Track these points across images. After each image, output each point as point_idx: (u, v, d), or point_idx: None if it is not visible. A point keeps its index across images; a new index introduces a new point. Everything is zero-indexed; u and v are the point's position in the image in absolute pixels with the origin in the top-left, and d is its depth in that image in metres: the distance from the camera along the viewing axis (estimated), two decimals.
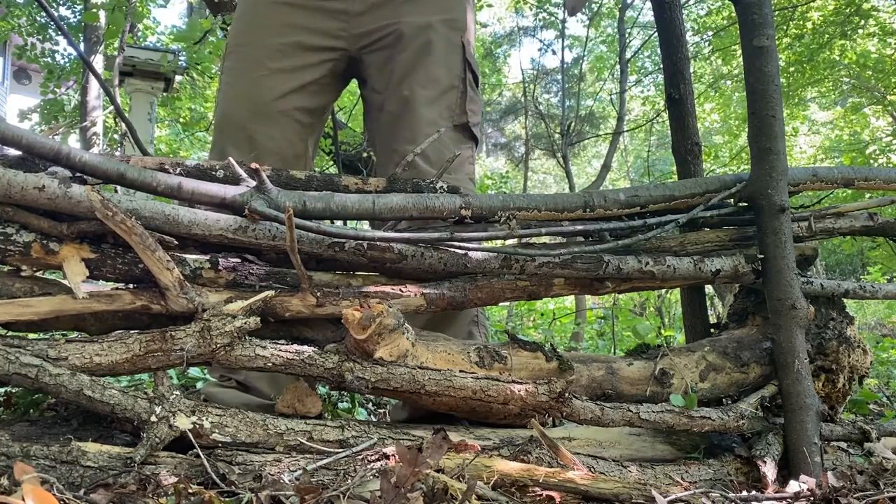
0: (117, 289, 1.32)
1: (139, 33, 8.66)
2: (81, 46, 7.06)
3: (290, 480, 1.14)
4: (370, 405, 2.46)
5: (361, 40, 1.86)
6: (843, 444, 1.66)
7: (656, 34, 2.71)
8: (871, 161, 7.96)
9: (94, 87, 7.04)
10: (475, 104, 1.91)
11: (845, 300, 1.80)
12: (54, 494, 0.95)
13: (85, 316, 1.36)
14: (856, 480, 1.46)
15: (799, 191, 1.85)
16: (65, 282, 1.31)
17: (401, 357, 1.39)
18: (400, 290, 1.48)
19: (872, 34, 8.04)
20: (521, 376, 1.49)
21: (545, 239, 1.68)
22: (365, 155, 5.51)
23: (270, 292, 1.35)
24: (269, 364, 1.30)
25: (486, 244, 1.60)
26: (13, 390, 1.55)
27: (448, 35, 1.86)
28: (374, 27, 1.85)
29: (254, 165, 1.36)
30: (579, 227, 1.61)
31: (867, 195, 2.16)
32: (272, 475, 1.16)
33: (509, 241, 1.62)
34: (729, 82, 9.72)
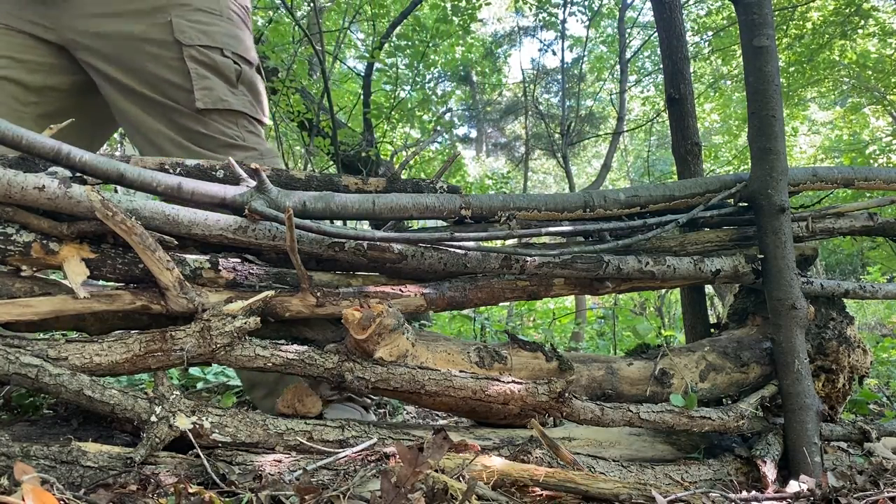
0: (117, 289, 1.32)
1: None
2: None
3: (290, 480, 1.14)
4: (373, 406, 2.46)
5: (68, 34, 1.81)
6: (843, 444, 1.66)
7: (656, 34, 2.71)
8: (871, 161, 7.95)
9: None
10: (207, 80, 1.80)
11: (845, 300, 1.80)
12: (54, 494, 0.95)
13: (85, 316, 1.36)
14: (856, 480, 1.46)
15: (799, 191, 1.85)
16: (65, 282, 1.31)
17: (401, 357, 1.39)
18: (400, 290, 1.48)
19: (872, 34, 8.04)
20: (521, 376, 1.49)
21: (545, 239, 1.68)
22: (364, 155, 5.51)
23: (270, 292, 1.35)
24: (269, 364, 1.30)
25: (485, 244, 1.60)
26: (12, 393, 1.55)
27: (145, 31, 1.78)
28: (79, 26, 1.79)
29: (254, 166, 1.36)
30: (579, 227, 1.61)
31: (867, 195, 2.16)
32: (272, 475, 1.16)
33: (509, 241, 1.62)
34: (729, 82, 9.72)
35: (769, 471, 1.45)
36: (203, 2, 1.84)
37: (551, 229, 1.58)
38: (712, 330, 2.09)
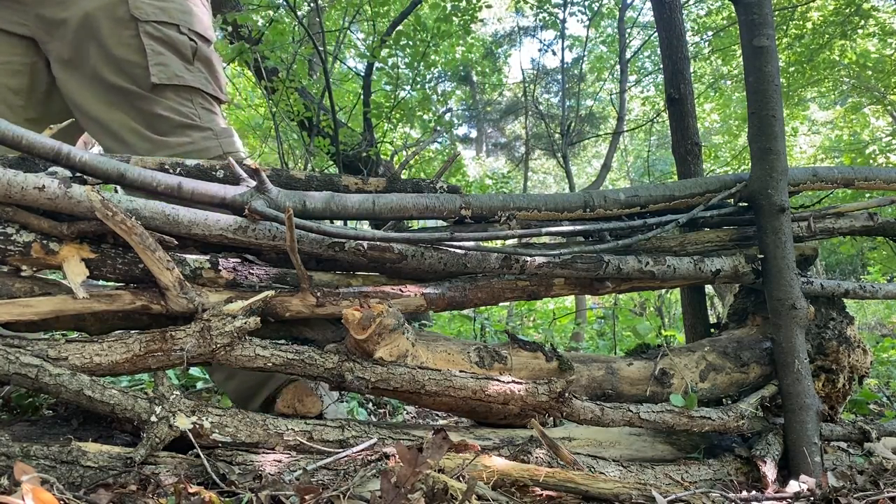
0: (117, 289, 1.32)
1: None
2: None
3: (290, 480, 1.14)
4: (370, 405, 2.46)
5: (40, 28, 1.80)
6: (843, 444, 1.66)
7: (656, 34, 2.71)
8: (871, 161, 7.95)
9: None
10: (162, 56, 1.79)
11: (845, 300, 1.80)
12: (54, 494, 0.95)
13: (85, 316, 1.36)
14: (856, 480, 1.46)
15: (799, 191, 1.85)
16: (65, 282, 1.31)
17: (401, 357, 1.39)
18: (400, 290, 1.48)
19: (872, 34, 8.04)
20: (521, 376, 1.49)
21: (545, 239, 1.68)
22: (365, 155, 5.51)
23: (270, 292, 1.35)
24: (269, 364, 1.30)
25: (485, 244, 1.60)
26: (12, 393, 1.55)
27: (103, 7, 1.77)
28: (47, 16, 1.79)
29: (254, 166, 1.36)
30: (579, 227, 1.61)
31: (867, 195, 2.16)
32: (272, 475, 1.16)
33: (509, 241, 1.62)
34: (729, 82, 9.72)
35: (769, 471, 1.45)
36: None
37: (551, 229, 1.58)
38: (712, 330, 2.09)
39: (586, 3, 7.65)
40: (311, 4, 5.99)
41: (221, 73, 1.97)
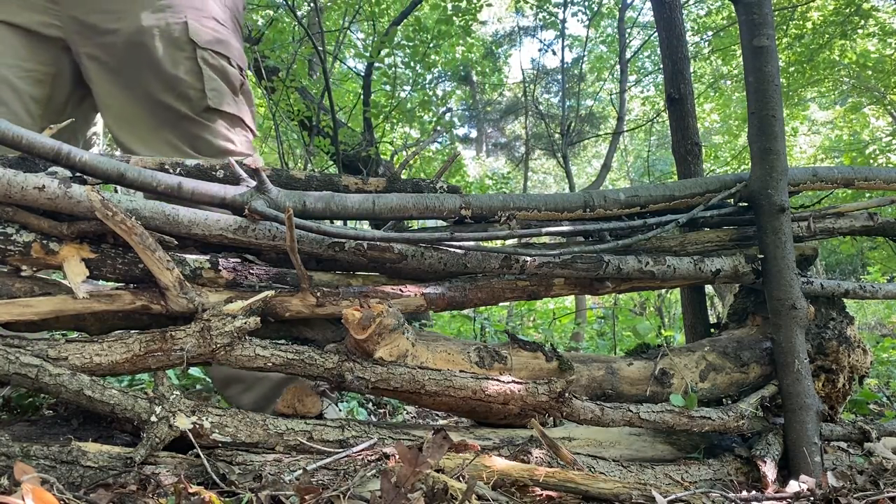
0: (117, 289, 1.32)
1: None
2: None
3: (290, 480, 1.14)
4: (370, 405, 2.46)
5: (74, 30, 1.80)
6: (843, 444, 1.66)
7: (656, 34, 2.71)
8: (871, 161, 7.95)
9: None
10: (217, 82, 1.83)
11: (845, 300, 1.80)
12: (54, 494, 0.95)
13: (85, 316, 1.36)
14: (856, 480, 1.46)
15: (799, 191, 1.85)
16: (65, 282, 1.31)
17: (401, 357, 1.39)
18: (400, 290, 1.48)
19: (872, 34, 8.03)
20: (521, 376, 1.49)
21: (545, 239, 1.68)
22: (365, 155, 5.51)
23: (270, 292, 1.35)
24: (269, 364, 1.30)
25: (485, 244, 1.60)
26: (12, 393, 1.55)
27: (160, 25, 1.79)
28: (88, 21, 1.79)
29: (254, 166, 1.36)
30: (579, 227, 1.61)
31: (867, 195, 2.16)
32: (272, 475, 1.16)
33: (509, 241, 1.62)
34: (729, 82, 9.72)
35: (769, 471, 1.45)
36: (214, 10, 1.88)
37: (551, 229, 1.58)
38: (712, 330, 2.09)
39: (586, 3, 7.65)
40: (311, 4, 5.99)
41: (254, 108, 2.01)
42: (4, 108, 1.73)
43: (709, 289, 4.16)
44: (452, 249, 1.48)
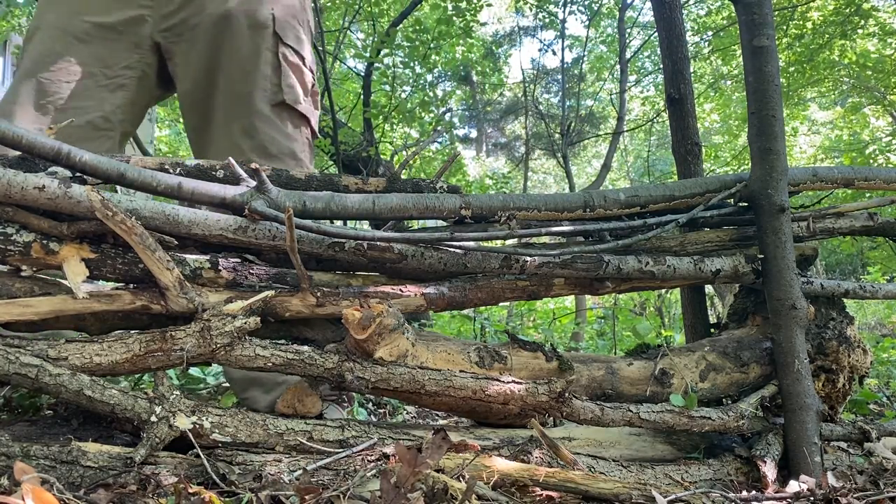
0: (117, 289, 1.32)
1: None
2: None
3: (290, 480, 1.14)
4: (370, 405, 2.46)
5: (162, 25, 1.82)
6: (843, 444, 1.66)
7: (656, 34, 2.71)
8: (871, 161, 7.95)
9: None
10: (292, 79, 1.85)
11: (845, 300, 1.80)
12: (54, 494, 0.95)
13: (85, 316, 1.36)
14: (856, 480, 1.46)
15: (799, 191, 1.85)
16: (65, 282, 1.30)
17: (401, 357, 1.39)
18: (400, 290, 1.48)
19: (872, 34, 8.04)
20: (521, 376, 1.49)
21: (545, 239, 1.68)
22: (365, 155, 5.51)
23: (270, 292, 1.35)
24: (269, 364, 1.30)
25: (485, 244, 1.60)
26: (14, 393, 1.55)
27: (247, 13, 1.82)
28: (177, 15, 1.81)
29: (254, 166, 1.36)
30: (579, 227, 1.61)
31: (867, 195, 2.16)
32: (272, 475, 1.16)
33: (509, 241, 1.62)
34: (729, 82, 9.72)
35: (769, 471, 1.45)
36: (297, 9, 1.91)
37: (552, 229, 1.58)
38: (712, 330, 2.09)
39: (586, 3, 7.65)
40: (311, 4, 5.99)
41: (318, 112, 2.02)
42: (84, 121, 1.73)
43: (709, 289, 4.16)
44: (452, 249, 1.48)
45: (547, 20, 8.08)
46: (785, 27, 7.23)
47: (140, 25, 1.80)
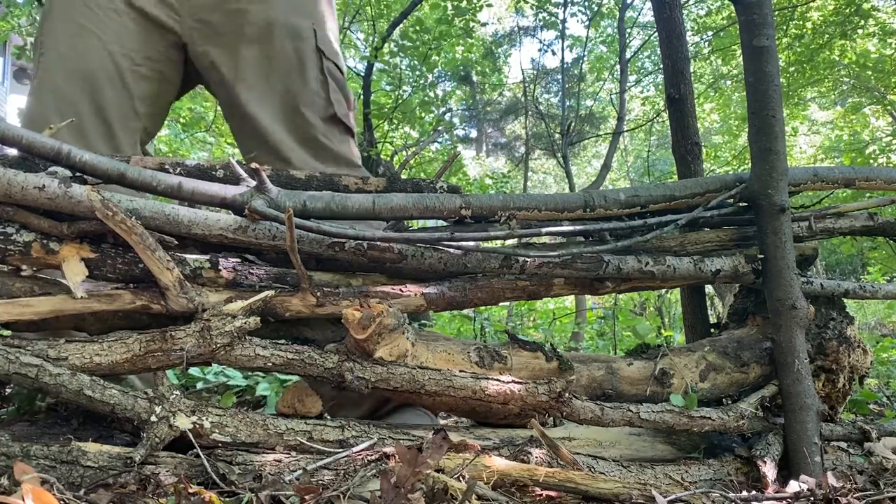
0: (117, 289, 1.32)
1: None
2: None
3: (290, 480, 1.14)
4: None
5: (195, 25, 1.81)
6: (843, 444, 1.66)
7: (656, 34, 2.71)
8: (871, 161, 7.95)
9: None
10: (338, 94, 1.87)
11: (845, 300, 1.80)
12: (54, 494, 0.95)
13: (85, 316, 1.36)
14: (856, 480, 1.46)
15: (799, 191, 1.85)
16: (65, 281, 1.30)
17: (401, 357, 1.39)
18: (400, 290, 1.48)
19: (872, 34, 8.03)
20: (521, 376, 1.49)
21: (545, 239, 1.68)
22: (365, 155, 5.51)
23: (270, 292, 1.35)
24: (269, 364, 1.30)
25: (485, 244, 1.60)
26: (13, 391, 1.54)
27: (294, 27, 1.82)
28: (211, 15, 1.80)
29: (254, 165, 1.36)
30: (579, 228, 1.61)
31: (867, 195, 2.16)
32: (272, 475, 1.16)
33: (509, 241, 1.62)
34: (729, 82, 9.72)
35: (769, 471, 1.45)
36: (333, 24, 1.93)
37: (552, 229, 1.58)
38: (712, 330, 2.09)
39: (586, 3, 7.65)
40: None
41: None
42: (108, 106, 1.71)
43: (709, 289, 4.16)
44: (452, 250, 1.48)
45: (547, 20, 8.08)
46: (785, 27, 7.23)
47: (166, 19, 1.78)
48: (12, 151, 1.28)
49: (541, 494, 1.19)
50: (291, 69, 1.81)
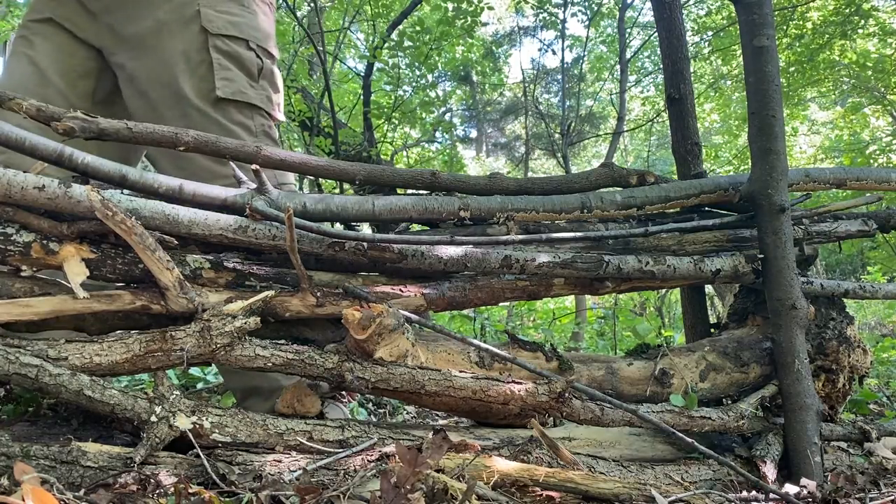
0: (117, 289, 1.32)
1: None
2: None
3: (290, 480, 1.14)
4: (370, 405, 2.46)
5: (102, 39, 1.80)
6: (843, 444, 1.66)
7: (656, 34, 2.71)
8: (871, 161, 7.95)
9: None
10: (229, 71, 1.78)
11: (845, 300, 1.80)
12: (54, 494, 0.95)
13: (85, 316, 1.36)
14: (856, 480, 1.46)
15: (792, 191, 1.86)
16: (65, 282, 1.31)
17: (401, 357, 1.39)
18: (400, 290, 1.48)
19: (872, 34, 8.03)
20: (521, 376, 1.49)
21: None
22: (365, 155, 5.51)
23: (270, 292, 1.35)
24: (269, 364, 1.30)
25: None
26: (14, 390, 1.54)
27: (179, 18, 1.77)
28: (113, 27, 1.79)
29: (254, 167, 1.36)
30: (580, 234, 1.60)
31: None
32: (272, 475, 1.16)
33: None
34: (729, 82, 9.71)
35: (769, 471, 1.45)
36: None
37: (553, 235, 1.58)
38: (712, 330, 2.09)
39: (586, 3, 7.65)
40: (311, 5, 5.99)
41: (282, 91, 1.95)
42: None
43: (709, 289, 4.17)
44: (452, 250, 1.48)
45: (547, 20, 8.08)
46: (785, 27, 7.23)
47: (84, 34, 1.79)
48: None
49: (541, 494, 1.19)
50: (170, 60, 1.75)
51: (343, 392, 1.75)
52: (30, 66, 1.76)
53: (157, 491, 1.08)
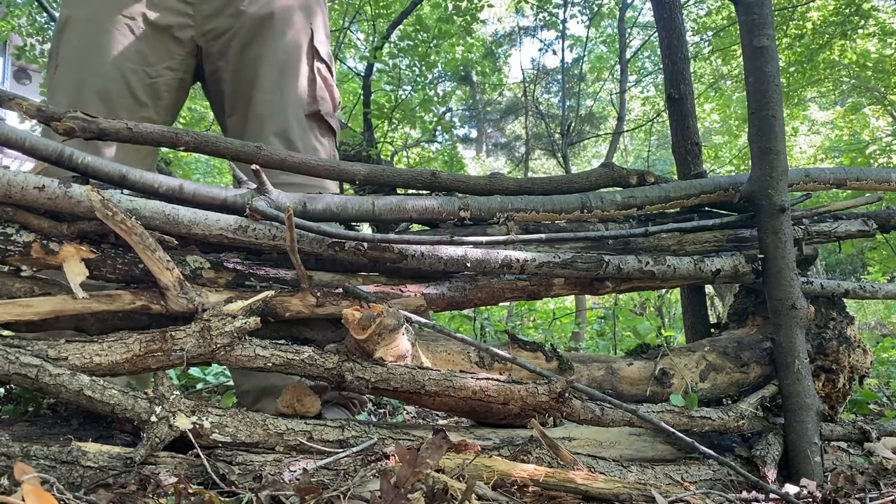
0: (117, 289, 1.32)
1: None
2: None
3: (290, 480, 1.14)
4: (370, 405, 2.46)
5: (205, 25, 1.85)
6: (843, 444, 1.66)
7: (656, 34, 2.71)
8: (871, 161, 7.95)
9: None
10: (324, 92, 1.91)
11: (845, 300, 1.80)
12: (54, 494, 0.95)
13: (85, 316, 1.36)
14: (856, 480, 1.46)
15: (792, 191, 1.86)
16: (65, 282, 1.31)
17: (401, 357, 1.39)
18: (400, 290, 1.48)
19: (872, 34, 8.03)
20: (521, 376, 1.49)
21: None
22: (365, 155, 5.51)
23: (270, 292, 1.35)
24: (269, 364, 1.30)
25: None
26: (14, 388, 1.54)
27: (287, 21, 1.86)
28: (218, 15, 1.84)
29: (254, 166, 1.36)
30: (581, 234, 1.60)
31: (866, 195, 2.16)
32: (272, 475, 1.16)
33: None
34: (729, 82, 9.71)
35: (769, 471, 1.45)
36: (327, 30, 1.98)
37: (553, 235, 1.58)
38: (712, 330, 2.09)
39: (586, 3, 7.65)
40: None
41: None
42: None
43: (709, 289, 4.16)
44: (452, 250, 1.48)
45: (547, 20, 8.08)
46: (785, 27, 7.23)
47: (183, 28, 1.82)
48: (14, 153, 1.28)
49: (541, 494, 1.19)
50: (283, 61, 1.84)
51: (355, 402, 1.77)
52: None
53: (157, 491, 1.08)
